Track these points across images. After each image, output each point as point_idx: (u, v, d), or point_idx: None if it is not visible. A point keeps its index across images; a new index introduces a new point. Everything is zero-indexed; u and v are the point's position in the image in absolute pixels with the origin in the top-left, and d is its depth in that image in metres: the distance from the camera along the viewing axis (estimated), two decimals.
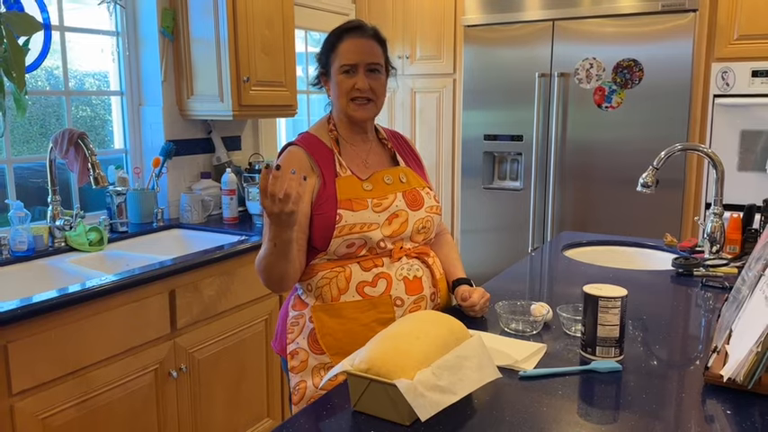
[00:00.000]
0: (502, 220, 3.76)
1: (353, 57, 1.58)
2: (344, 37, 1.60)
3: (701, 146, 2.26)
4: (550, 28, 3.44)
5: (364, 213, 1.54)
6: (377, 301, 1.55)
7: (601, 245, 2.49)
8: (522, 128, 3.61)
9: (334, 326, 1.56)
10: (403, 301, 1.57)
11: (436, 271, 1.67)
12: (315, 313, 1.58)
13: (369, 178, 1.61)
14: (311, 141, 1.63)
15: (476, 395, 1.20)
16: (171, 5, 2.89)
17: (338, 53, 1.59)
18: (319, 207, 1.55)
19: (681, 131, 3.21)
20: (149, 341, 2.14)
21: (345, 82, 1.59)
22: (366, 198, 1.57)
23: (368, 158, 1.67)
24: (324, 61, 1.65)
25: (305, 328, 1.59)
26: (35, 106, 2.59)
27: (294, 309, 1.64)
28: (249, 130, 3.40)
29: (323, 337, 1.56)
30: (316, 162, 1.59)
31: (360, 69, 1.58)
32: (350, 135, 1.67)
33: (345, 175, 1.58)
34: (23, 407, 1.77)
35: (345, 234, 1.53)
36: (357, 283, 1.55)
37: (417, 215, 1.63)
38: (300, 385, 1.58)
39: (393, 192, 1.61)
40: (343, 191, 1.56)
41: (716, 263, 2.04)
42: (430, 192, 1.71)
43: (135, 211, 2.79)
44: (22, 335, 1.75)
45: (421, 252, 1.64)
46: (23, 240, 2.28)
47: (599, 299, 1.31)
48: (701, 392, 1.21)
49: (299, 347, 1.60)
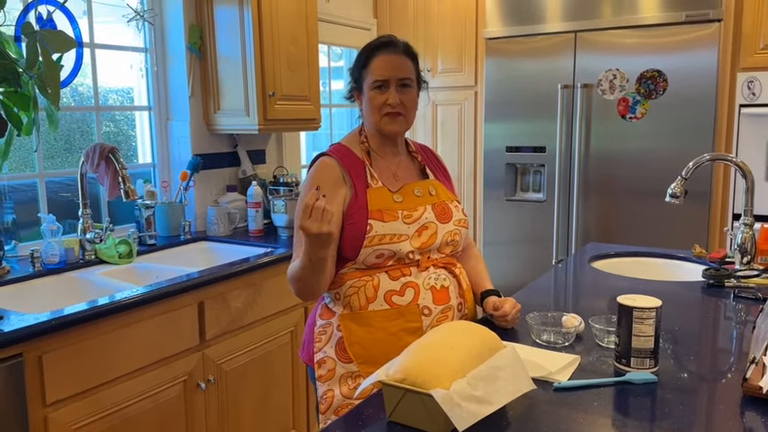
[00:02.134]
0: (525, 233, 3.74)
1: (385, 72, 1.60)
2: (376, 53, 1.63)
3: (730, 156, 2.24)
4: (572, 40, 3.44)
5: (394, 224, 1.56)
6: (404, 310, 1.56)
7: (628, 256, 2.47)
8: (545, 139, 3.60)
9: (362, 334, 1.57)
10: (430, 310, 1.58)
11: (463, 281, 1.68)
12: (343, 322, 1.59)
13: (399, 190, 1.63)
14: (343, 152, 1.65)
15: (510, 406, 1.19)
16: (198, 23, 2.94)
17: (370, 69, 1.62)
18: (350, 217, 1.57)
19: (706, 142, 3.18)
20: (178, 353, 2.16)
21: (378, 97, 1.61)
22: (396, 209, 1.58)
23: (398, 171, 1.69)
24: (356, 76, 1.67)
25: (333, 337, 1.60)
26: (61, 122, 2.64)
27: (322, 318, 1.65)
28: (273, 144, 3.44)
29: (351, 346, 1.57)
30: (348, 172, 1.61)
31: (391, 84, 1.61)
32: (381, 148, 1.69)
33: (377, 186, 1.60)
34: (57, 417, 1.79)
35: (375, 244, 1.55)
36: (385, 291, 1.56)
37: (446, 228, 1.64)
38: (328, 394, 1.59)
39: (423, 204, 1.63)
40: (374, 202, 1.57)
41: (747, 274, 2.02)
42: (458, 205, 1.72)
43: (163, 224, 2.83)
44: (54, 346, 1.78)
45: (448, 263, 1.65)
46: (55, 253, 2.32)
47: (634, 309, 1.30)
48: (738, 404, 1.20)
49: (326, 356, 1.61)
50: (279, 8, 2.88)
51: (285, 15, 2.92)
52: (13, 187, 2.48)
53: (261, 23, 2.80)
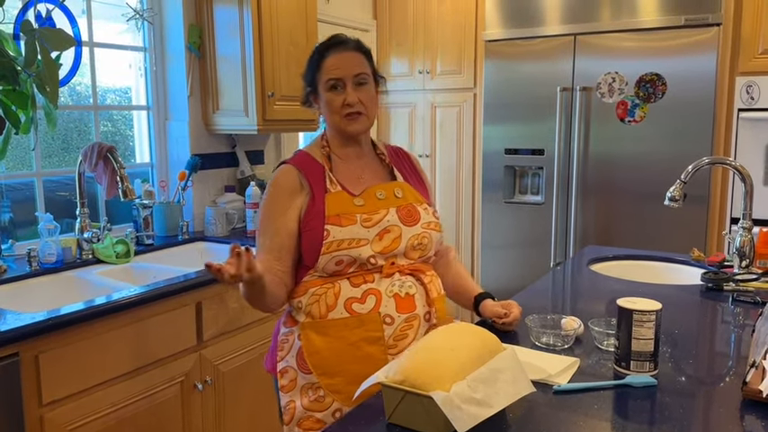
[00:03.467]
0: (523, 235, 3.74)
1: (339, 71, 1.56)
2: (327, 53, 1.59)
3: (729, 159, 2.24)
4: (572, 42, 3.44)
5: (353, 229, 1.50)
6: (365, 319, 1.49)
7: (627, 259, 2.47)
8: (544, 142, 3.60)
9: (322, 344, 1.51)
10: (393, 319, 1.50)
11: (433, 290, 1.59)
12: (303, 331, 1.53)
13: (361, 194, 1.57)
14: (303, 158, 1.61)
15: (510, 409, 1.19)
16: (198, 22, 2.94)
17: (323, 69, 1.58)
18: (307, 224, 1.52)
19: (705, 145, 3.18)
20: (176, 353, 2.15)
21: (335, 99, 1.57)
22: (355, 213, 1.52)
23: (362, 174, 1.63)
24: (310, 80, 1.63)
25: (294, 346, 1.56)
26: (59, 122, 2.63)
27: (285, 325, 1.60)
28: (272, 145, 3.43)
29: (310, 356, 1.52)
30: (306, 178, 1.56)
31: (347, 83, 1.56)
32: (343, 150, 1.63)
33: (335, 191, 1.55)
34: (53, 417, 1.79)
35: (334, 250, 1.49)
36: (346, 299, 1.50)
37: (412, 231, 1.57)
38: (290, 405, 1.54)
39: (385, 207, 1.56)
40: (332, 206, 1.52)
41: (746, 277, 2.02)
42: (428, 208, 1.64)
43: (161, 224, 2.82)
44: (51, 346, 1.77)
45: (416, 269, 1.58)
46: (52, 252, 2.31)
47: (634, 312, 1.30)
48: (738, 408, 1.20)
49: (288, 366, 1.56)
50: (279, 8, 2.88)
51: (285, 16, 2.92)
52: (11, 186, 2.47)
53: (260, 24, 2.80)
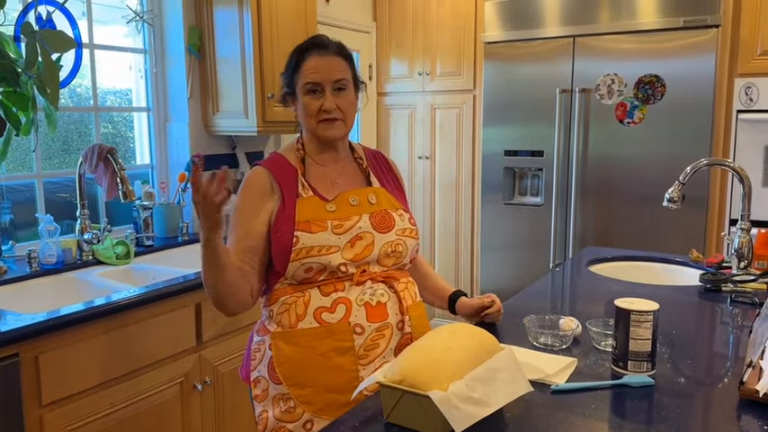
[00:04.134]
0: (522, 236, 3.75)
1: (317, 75, 1.51)
2: (307, 55, 1.53)
3: (727, 161, 2.25)
4: (571, 44, 3.45)
5: (323, 235, 1.46)
6: (334, 328, 1.45)
7: (626, 260, 2.47)
8: (543, 143, 3.61)
9: (291, 354, 1.47)
10: (363, 328, 1.46)
11: (407, 297, 1.55)
12: (274, 341, 1.50)
13: (334, 199, 1.53)
14: (276, 161, 1.57)
15: (508, 408, 1.20)
16: (197, 24, 2.95)
17: (302, 72, 1.52)
18: (277, 229, 1.48)
19: (704, 147, 3.19)
20: (175, 354, 2.16)
21: (312, 103, 1.52)
22: (326, 219, 1.48)
23: (337, 179, 1.59)
24: (288, 80, 1.57)
25: (265, 356, 1.52)
26: (59, 124, 2.64)
27: (258, 334, 1.57)
28: (272, 146, 3.44)
29: (280, 366, 1.49)
30: (276, 181, 1.52)
31: (326, 88, 1.51)
32: (318, 154, 1.59)
33: (307, 196, 1.51)
34: (53, 418, 1.79)
35: (303, 257, 1.45)
36: (315, 308, 1.47)
37: (386, 238, 1.53)
38: (263, 415, 1.51)
39: (358, 213, 1.52)
40: (303, 212, 1.48)
41: (744, 278, 2.02)
42: (404, 214, 1.60)
43: (161, 226, 2.82)
44: (51, 346, 1.78)
45: (389, 276, 1.53)
46: (53, 253, 2.32)
47: (631, 313, 1.30)
48: (735, 408, 1.20)
49: (260, 375, 1.53)
50: (278, 10, 2.88)
51: (284, 17, 2.92)
52: (11, 187, 2.48)
53: (260, 25, 2.81)
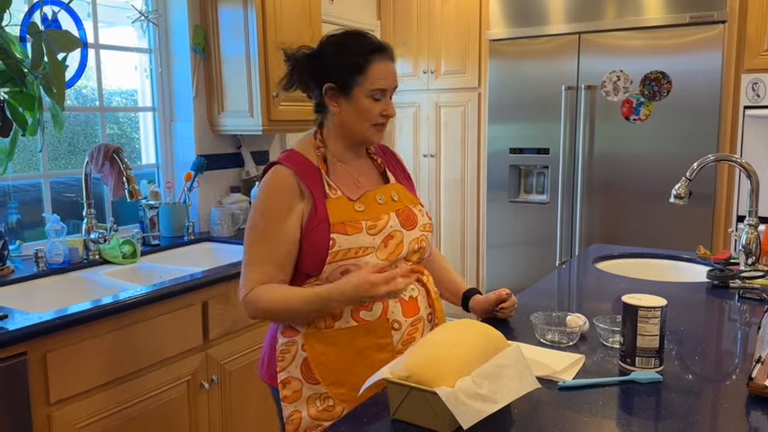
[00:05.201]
0: (528, 234, 3.74)
1: (385, 82, 1.49)
2: (373, 59, 1.49)
3: (735, 156, 2.23)
4: (576, 41, 3.44)
5: (359, 237, 1.45)
6: (373, 326, 1.47)
7: (632, 257, 2.47)
8: (549, 141, 3.60)
9: (329, 354, 1.47)
10: (400, 324, 1.49)
11: (431, 289, 1.60)
12: (307, 342, 1.49)
13: (360, 198, 1.52)
14: (298, 160, 1.51)
15: (515, 405, 1.19)
16: (202, 23, 2.95)
17: (368, 76, 1.48)
18: (310, 232, 1.46)
19: (711, 143, 3.18)
20: (182, 352, 2.16)
21: (374, 107, 1.50)
22: (360, 220, 1.48)
23: (359, 177, 1.58)
24: (345, 79, 1.49)
25: (297, 357, 1.50)
26: (65, 124, 2.64)
27: (284, 335, 1.53)
28: (277, 145, 3.44)
29: (317, 367, 1.48)
30: (305, 184, 1.48)
31: (387, 94, 1.51)
32: (343, 153, 1.57)
33: (335, 197, 1.49)
34: (61, 416, 1.80)
35: (340, 260, 1.45)
36: (352, 308, 1.46)
37: (412, 235, 1.54)
38: (294, 416, 1.50)
39: (386, 212, 1.53)
40: (335, 213, 1.46)
41: (752, 275, 2.01)
42: (422, 209, 1.62)
43: (167, 225, 2.83)
44: (58, 345, 1.78)
45: (415, 271, 1.55)
46: (59, 253, 2.32)
47: (639, 308, 1.30)
48: (744, 403, 1.19)
49: (291, 376, 1.51)
50: (283, 9, 2.89)
51: (289, 16, 2.92)
52: (18, 188, 2.49)
53: (265, 24, 2.81)
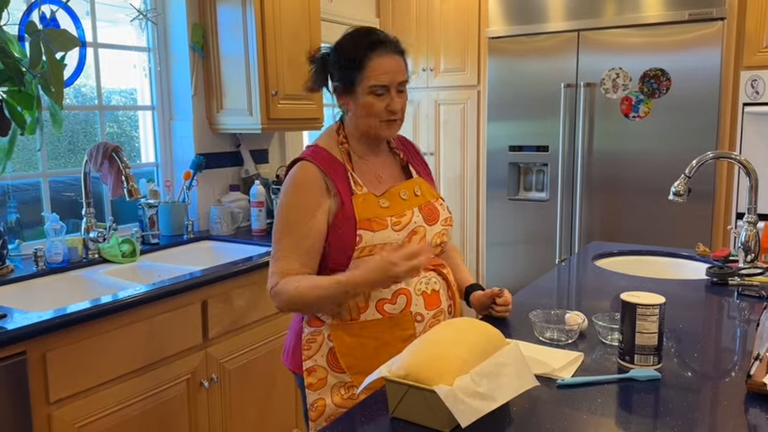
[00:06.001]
0: (528, 232, 3.74)
1: (386, 77, 1.49)
2: (371, 54, 1.48)
3: (734, 153, 2.23)
4: (575, 39, 3.44)
5: (384, 233, 1.49)
6: (397, 319, 1.51)
7: (632, 255, 2.47)
8: (548, 138, 3.60)
9: (355, 345, 1.51)
10: (423, 316, 1.53)
11: (451, 281, 1.64)
12: (333, 332, 1.53)
13: (384, 194, 1.54)
14: (323, 156, 1.54)
15: (514, 403, 1.19)
16: (201, 22, 2.95)
17: (368, 72, 1.48)
18: (337, 227, 1.49)
19: (710, 140, 3.17)
20: (182, 351, 2.16)
21: (377, 103, 1.50)
22: (385, 216, 1.50)
23: (382, 173, 1.60)
24: (345, 76, 1.52)
25: (323, 346, 1.54)
26: (64, 123, 2.64)
27: (310, 325, 1.57)
28: (276, 144, 3.44)
29: (343, 357, 1.52)
30: (331, 180, 1.51)
31: (392, 89, 1.51)
32: (365, 149, 1.60)
33: (361, 193, 1.51)
34: (60, 415, 1.80)
35: (366, 255, 1.48)
36: (377, 300, 1.50)
37: (434, 230, 1.58)
38: (318, 403, 1.54)
39: (410, 207, 1.55)
40: (361, 210, 1.49)
41: (751, 272, 2.01)
42: (443, 203, 1.66)
43: (166, 224, 2.83)
44: (58, 344, 1.78)
45: (436, 264, 1.60)
46: (59, 252, 2.32)
47: (637, 306, 1.30)
48: (743, 401, 1.20)
49: (316, 365, 1.55)
50: (282, 7, 2.88)
51: (288, 14, 2.92)
52: (17, 187, 2.49)
53: (264, 23, 2.81)
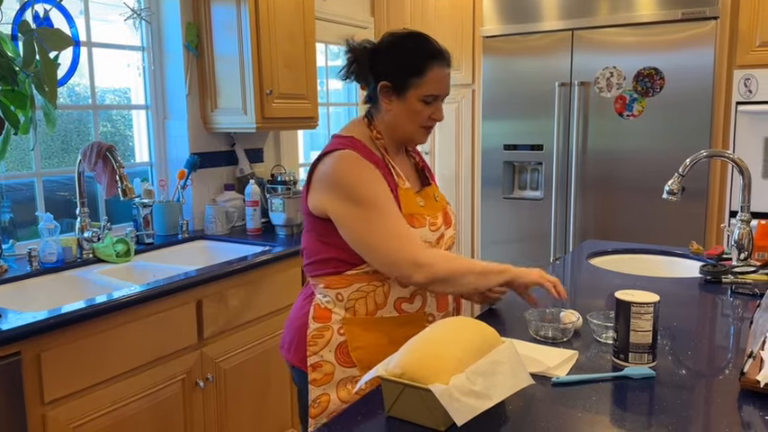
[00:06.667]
0: (522, 231, 3.75)
1: (440, 88, 1.54)
2: (433, 63, 1.53)
3: (727, 152, 2.24)
4: (570, 38, 3.45)
5: (422, 231, 1.52)
6: (412, 318, 1.54)
7: (626, 253, 2.47)
8: (542, 137, 3.60)
9: (369, 340, 1.52)
10: (434, 317, 1.58)
11: None
12: (346, 326, 1.53)
13: (420, 192, 1.60)
14: (363, 150, 1.54)
15: (509, 401, 1.20)
16: (195, 21, 2.94)
17: (426, 80, 1.52)
18: None
19: (703, 139, 3.19)
20: (177, 351, 2.16)
21: (425, 110, 1.54)
22: (425, 215, 1.54)
23: (409, 175, 1.65)
24: (400, 78, 1.53)
25: (332, 341, 1.54)
26: (58, 123, 2.63)
27: (316, 321, 1.56)
28: (271, 143, 3.43)
29: (354, 351, 1.53)
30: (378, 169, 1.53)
31: (439, 99, 1.56)
32: (391, 148, 1.63)
33: (405, 187, 1.55)
34: (55, 416, 1.79)
35: None
36: (395, 298, 1.53)
37: (448, 233, 1.64)
38: (322, 398, 1.54)
39: (439, 210, 1.61)
40: (405, 203, 1.52)
41: (745, 270, 2.02)
42: (452, 208, 1.72)
43: (161, 223, 2.82)
44: (53, 345, 1.78)
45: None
46: (53, 252, 2.32)
47: (631, 305, 1.30)
48: (736, 398, 1.20)
49: (322, 360, 1.54)
50: (276, 6, 2.88)
51: (282, 13, 2.92)
52: (11, 186, 2.48)
53: (258, 21, 2.80)
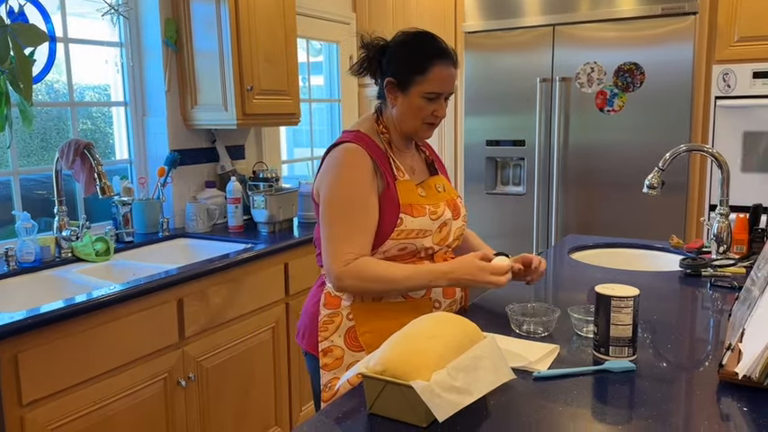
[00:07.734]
0: (505, 226, 3.76)
1: (442, 86, 1.59)
2: (436, 61, 1.58)
3: (706, 146, 2.26)
4: (551, 33, 3.46)
5: (422, 220, 1.58)
6: (418, 303, 1.59)
7: (607, 247, 2.49)
8: (524, 133, 3.62)
9: (377, 324, 1.57)
10: (440, 303, 1.62)
11: None
12: (355, 312, 1.59)
13: (421, 184, 1.65)
14: (367, 142, 1.61)
15: (491, 396, 1.20)
16: (174, 16, 2.91)
17: (428, 77, 1.57)
18: (381, 210, 1.57)
19: (683, 133, 3.22)
20: (158, 350, 2.14)
21: (427, 107, 1.60)
22: (425, 205, 1.60)
23: (414, 166, 1.70)
24: (404, 74, 1.60)
25: (341, 326, 1.60)
26: (37, 120, 2.59)
27: (327, 307, 1.63)
28: (252, 140, 3.41)
29: (362, 335, 1.58)
30: (377, 163, 1.59)
31: (442, 97, 1.61)
32: (400, 142, 1.69)
33: (403, 179, 1.61)
34: (34, 417, 1.77)
35: (402, 238, 1.57)
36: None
37: (456, 224, 1.69)
38: (333, 382, 1.59)
39: (443, 200, 1.66)
40: (404, 195, 1.58)
41: (724, 263, 2.04)
42: (461, 200, 1.77)
43: (141, 221, 2.79)
44: (30, 345, 1.75)
45: (453, 257, 1.69)
46: (30, 251, 2.28)
47: (611, 299, 1.31)
48: (715, 390, 1.21)
49: (333, 345, 1.60)
50: (256, 1, 2.85)
51: (262, 9, 2.89)
52: None
53: (238, 17, 2.78)
